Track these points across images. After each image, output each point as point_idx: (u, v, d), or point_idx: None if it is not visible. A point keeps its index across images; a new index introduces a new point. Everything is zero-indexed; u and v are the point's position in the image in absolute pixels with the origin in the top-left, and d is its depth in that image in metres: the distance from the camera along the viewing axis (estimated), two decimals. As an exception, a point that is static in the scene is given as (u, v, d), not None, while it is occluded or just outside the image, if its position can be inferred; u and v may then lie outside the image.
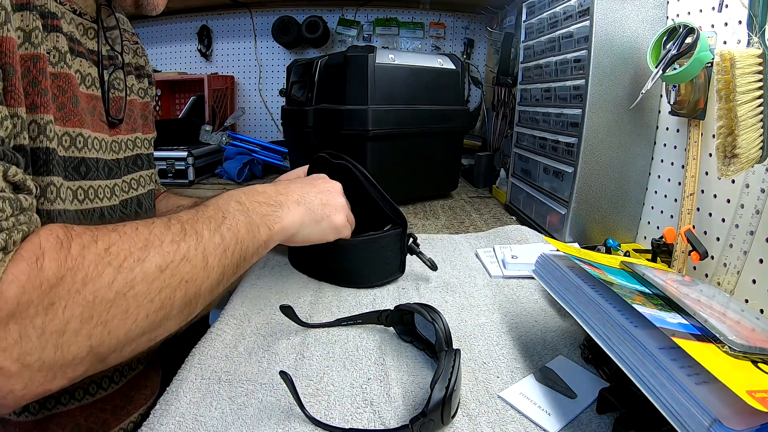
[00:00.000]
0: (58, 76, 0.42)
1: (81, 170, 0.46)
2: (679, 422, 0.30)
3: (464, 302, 0.61)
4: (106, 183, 0.50)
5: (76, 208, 0.45)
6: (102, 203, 0.50)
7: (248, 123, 2.00)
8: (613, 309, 0.39)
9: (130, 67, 0.62)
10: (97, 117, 0.50)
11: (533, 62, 1.02)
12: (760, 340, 0.38)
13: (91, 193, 0.48)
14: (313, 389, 0.43)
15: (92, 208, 0.48)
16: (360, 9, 1.85)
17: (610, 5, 0.76)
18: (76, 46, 0.46)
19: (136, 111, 0.62)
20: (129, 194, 0.58)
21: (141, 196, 0.61)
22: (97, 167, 0.48)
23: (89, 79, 0.49)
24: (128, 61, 0.61)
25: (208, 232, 0.40)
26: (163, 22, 1.96)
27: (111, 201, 0.51)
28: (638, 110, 0.79)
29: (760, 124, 0.53)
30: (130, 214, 0.57)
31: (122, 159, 0.56)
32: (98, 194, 0.49)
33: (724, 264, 0.59)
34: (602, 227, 0.86)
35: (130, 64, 0.62)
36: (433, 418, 0.36)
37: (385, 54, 1.05)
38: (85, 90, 0.48)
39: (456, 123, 1.20)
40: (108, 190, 0.51)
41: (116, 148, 0.54)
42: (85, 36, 0.49)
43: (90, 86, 0.49)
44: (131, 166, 0.59)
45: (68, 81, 0.44)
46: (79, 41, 0.47)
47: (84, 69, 0.48)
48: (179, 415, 0.39)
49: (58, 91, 0.42)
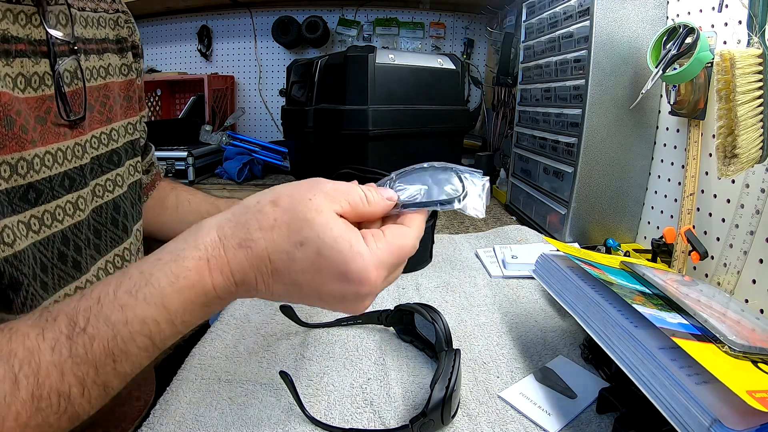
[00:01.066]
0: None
1: (29, 197, 0.39)
2: (679, 422, 0.30)
3: (464, 302, 0.61)
4: (67, 198, 0.44)
5: (33, 240, 0.40)
6: (62, 225, 0.43)
7: (248, 123, 2.00)
8: (613, 309, 0.39)
9: (105, 43, 0.53)
10: (50, 123, 0.42)
11: (533, 62, 1.02)
12: (760, 340, 0.38)
13: (47, 218, 0.41)
14: (313, 389, 0.43)
15: (51, 235, 0.42)
16: (360, 9, 1.85)
17: (610, 5, 0.76)
18: (13, 45, 0.39)
19: (114, 95, 0.54)
20: (103, 198, 0.51)
21: (118, 198, 0.54)
22: (51, 186, 0.42)
23: (36, 80, 0.41)
24: (102, 35, 0.53)
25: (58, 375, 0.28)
26: (163, 22, 1.96)
27: (75, 218, 0.45)
28: (638, 110, 0.79)
29: (760, 124, 0.53)
30: (106, 223, 0.51)
31: (87, 164, 0.48)
32: (56, 217, 0.42)
33: (724, 264, 0.59)
34: (602, 227, 0.86)
35: (105, 39, 0.54)
36: (433, 418, 0.36)
37: (385, 54, 1.05)
38: (33, 93, 0.41)
39: (456, 123, 1.20)
40: (70, 207, 0.44)
41: (80, 152, 0.46)
42: (29, 25, 0.41)
43: (39, 87, 0.42)
44: (104, 166, 0.52)
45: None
46: (17, 37, 0.40)
47: (28, 69, 0.40)
48: (179, 415, 0.39)
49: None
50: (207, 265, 0.30)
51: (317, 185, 0.34)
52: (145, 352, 0.30)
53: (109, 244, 0.52)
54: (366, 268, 0.31)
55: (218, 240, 0.31)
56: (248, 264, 0.31)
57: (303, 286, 0.32)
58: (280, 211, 0.32)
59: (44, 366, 0.27)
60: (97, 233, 0.50)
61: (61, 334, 0.28)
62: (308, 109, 1.15)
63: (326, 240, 0.31)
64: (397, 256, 0.33)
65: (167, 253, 0.31)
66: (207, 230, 0.32)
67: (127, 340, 0.29)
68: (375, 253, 0.32)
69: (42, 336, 0.28)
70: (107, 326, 0.28)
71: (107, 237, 0.52)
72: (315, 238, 0.31)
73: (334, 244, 0.31)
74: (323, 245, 0.31)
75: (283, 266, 0.31)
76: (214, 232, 0.32)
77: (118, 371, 0.29)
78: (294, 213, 0.32)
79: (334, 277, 0.31)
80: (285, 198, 0.32)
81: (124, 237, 0.54)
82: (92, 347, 0.28)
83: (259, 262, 0.31)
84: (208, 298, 0.31)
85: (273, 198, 0.33)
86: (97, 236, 0.50)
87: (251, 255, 0.31)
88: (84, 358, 0.28)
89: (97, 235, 0.50)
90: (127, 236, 0.55)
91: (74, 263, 0.45)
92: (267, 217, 0.32)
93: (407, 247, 0.34)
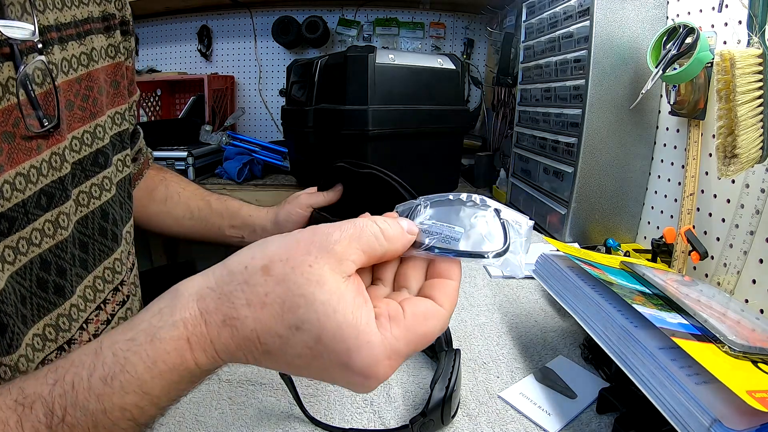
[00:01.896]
0: None
1: (1, 228, 0.36)
2: (679, 422, 0.30)
3: (464, 302, 0.61)
4: (45, 218, 0.40)
5: (9, 272, 0.36)
6: (40, 248, 0.39)
7: (248, 123, 2.00)
8: (613, 309, 0.39)
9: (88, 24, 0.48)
10: (20, 138, 0.37)
11: (533, 62, 1.02)
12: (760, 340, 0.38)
13: (23, 245, 0.38)
14: (313, 389, 0.43)
15: (28, 262, 0.38)
16: (360, 9, 1.85)
17: (610, 5, 0.76)
18: None
19: (99, 84, 0.49)
20: (89, 207, 0.47)
21: (106, 204, 0.50)
22: (25, 211, 0.38)
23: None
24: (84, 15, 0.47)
25: None
26: (163, 22, 1.96)
27: (56, 238, 0.41)
28: (638, 110, 0.79)
29: (760, 124, 0.53)
30: (93, 233, 0.48)
31: (68, 173, 0.43)
32: (32, 241, 0.39)
33: (724, 264, 0.59)
34: (602, 227, 0.86)
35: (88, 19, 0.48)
36: (433, 418, 0.36)
37: (385, 54, 1.05)
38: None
39: (456, 123, 1.20)
40: (50, 227, 0.40)
41: (57, 163, 0.41)
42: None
43: (3, 96, 0.36)
44: (88, 170, 0.47)
45: None
46: None
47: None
48: (179, 415, 0.39)
49: None
50: (188, 345, 0.26)
51: (321, 241, 0.27)
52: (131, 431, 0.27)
53: (98, 257, 0.49)
54: (374, 362, 0.25)
55: (199, 315, 0.26)
56: (234, 344, 0.26)
57: (300, 368, 0.27)
58: (273, 283, 0.26)
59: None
60: (84, 247, 0.47)
61: (41, 424, 0.25)
62: (308, 109, 1.15)
63: (328, 326, 0.25)
64: (416, 345, 0.27)
65: (141, 332, 0.26)
66: (185, 303, 0.27)
67: (109, 427, 0.26)
68: (388, 342, 0.26)
69: (21, 426, 0.25)
70: (86, 416, 0.25)
71: (95, 250, 0.48)
72: (315, 322, 0.25)
73: (337, 331, 0.25)
74: (324, 332, 0.25)
75: (276, 349, 0.26)
76: (194, 306, 0.27)
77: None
78: (289, 286, 0.25)
79: (335, 365, 0.26)
80: (279, 265, 0.26)
81: (114, 246, 0.51)
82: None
83: (248, 344, 0.26)
84: (193, 376, 0.27)
85: (265, 263, 0.26)
86: (84, 250, 0.47)
87: (237, 336, 0.26)
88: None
89: (83, 249, 0.46)
90: (117, 245, 0.52)
91: (56, 288, 0.42)
92: (256, 290, 0.26)
93: (432, 334, 0.27)
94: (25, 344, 0.38)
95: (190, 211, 0.72)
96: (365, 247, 0.27)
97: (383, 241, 0.28)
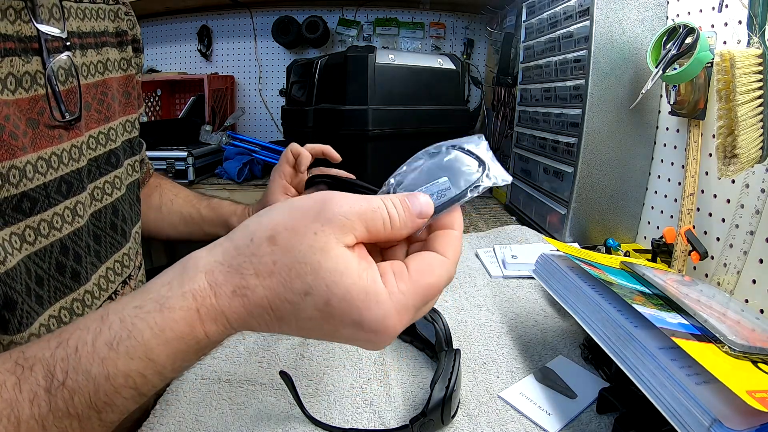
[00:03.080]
0: None
1: (23, 207, 0.37)
2: (679, 422, 0.30)
3: (464, 302, 0.61)
4: (64, 205, 0.42)
5: (27, 252, 0.38)
6: (61, 233, 0.41)
7: (248, 123, 2.00)
8: (613, 309, 0.39)
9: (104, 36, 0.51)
10: (43, 126, 0.40)
11: (533, 62, 1.02)
12: (760, 340, 0.38)
13: (44, 227, 0.39)
14: (313, 389, 0.43)
15: (48, 245, 0.40)
16: (360, 9, 1.85)
17: (610, 5, 0.76)
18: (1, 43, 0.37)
19: (112, 92, 0.52)
20: (102, 202, 0.49)
21: (117, 202, 0.52)
22: (47, 194, 0.40)
23: (27, 79, 0.39)
24: (101, 28, 0.50)
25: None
26: (163, 22, 1.96)
27: (74, 225, 0.43)
28: (638, 110, 0.79)
29: (760, 124, 0.53)
30: (105, 227, 0.49)
31: (85, 167, 0.45)
32: (53, 225, 0.40)
33: (724, 264, 0.59)
34: (602, 227, 0.86)
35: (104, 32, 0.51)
36: (433, 418, 0.36)
37: (385, 54, 1.05)
38: (24, 94, 0.38)
39: (456, 123, 1.20)
40: (69, 213, 0.42)
41: (76, 155, 0.44)
42: (19, 21, 0.38)
43: (31, 86, 0.39)
44: (102, 168, 0.50)
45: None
46: (6, 34, 0.37)
47: (18, 68, 0.38)
48: (179, 415, 0.39)
49: None
50: (197, 316, 0.26)
51: (328, 208, 0.27)
52: (131, 401, 0.27)
53: (109, 250, 0.51)
54: (384, 317, 0.26)
55: (208, 287, 0.27)
56: (246, 312, 0.27)
57: (312, 330, 0.28)
58: (279, 252, 0.26)
59: (24, 420, 0.25)
60: (97, 239, 0.48)
61: (39, 387, 0.25)
62: (308, 109, 1.15)
63: (336, 290, 0.26)
64: (424, 297, 0.28)
65: (150, 301, 0.27)
66: (193, 275, 0.27)
67: (111, 394, 0.26)
68: (396, 298, 0.26)
69: (19, 388, 0.25)
70: (88, 380, 0.25)
71: (107, 242, 0.50)
72: (323, 287, 0.26)
73: (346, 293, 0.26)
74: (332, 296, 0.26)
75: (287, 314, 0.27)
76: (203, 279, 0.27)
77: (104, 420, 0.27)
78: (295, 255, 0.26)
79: (347, 325, 0.27)
80: (284, 234, 0.27)
81: (123, 242, 0.53)
82: (73, 402, 0.25)
83: (260, 311, 0.27)
84: (200, 346, 0.27)
85: (270, 233, 0.27)
86: (97, 242, 0.48)
87: (249, 304, 0.27)
88: (65, 413, 0.26)
89: (96, 241, 0.48)
90: (125, 241, 0.54)
91: (73, 274, 0.43)
92: (263, 260, 0.27)
93: (439, 284, 0.28)
94: (39, 324, 0.39)
95: (183, 218, 0.74)
96: (371, 228, 0.27)
97: (389, 228, 0.28)
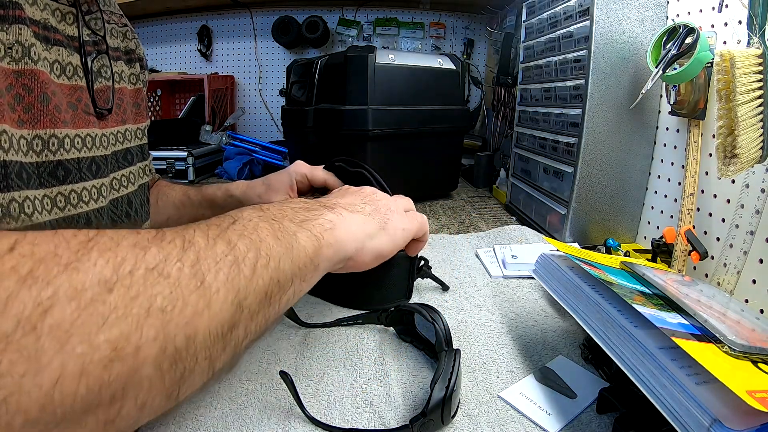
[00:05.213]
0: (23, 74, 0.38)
1: (58, 175, 0.41)
2: (679, 422, 0.30)
3: (464, 302, 0.61)
4: (92, 183, 0.46)
5: (56, 217, 0.40)
6: (88, 207, 0.45)
7: (248, 123, 2.00)
8: (613, 309, 0.39)
9: (118, 52, 0.57)
10: (81, 110, 0.45)
11: (533, 62, 1.02)
12: (760, 340, 0.38)
13: (74, 197, 0.43)
14: (313, 389, 0.43)
15: (76, 214, 0.43)
16: (360, 9, 1.85)
17: (610, 5, 0.76)
18: (52, 34, 0.41)
19: (126, 99, 0.58)
20: (119, 192, 0.53)
21: (131, 194, 0.57)
22: (79, 168, 0.44)
23: (70, 69, 0.44)
24: (115, 45, 0.57)
25: (204, 239, 0.28)
26: (163, 22, 1.96)
27: (98, 203, 0.47)
28: (638, 110, 0.79)
29: (760, 124, 0.53)
30: (121, 215, 0.53)
31: (111, 155, 0.50)
32: (82, 197, 0.44)
33: (724, 264, 0.59)
34: (602, 227, 0.86)
35: (118, 48, 0.57)
36: (433, 418, 0.36)
37: (385, 54, 1.05)
38: (67, 81, 0.43)
39: (456, 123, 1.20)
40: (95, 191, 0.46)
41: (105, 143, 0.49)
42: (64, 22, 0.44)
43: (72, 76, 0.44)
44: (121, 162, 0.54)
45: (35, 78, 0.39)
46: (56, 28, 0.42)
47: (63, 58, 0.43)
48: (179, 415, 0.39)
49: (23, 90, 0.38)
50: None
51: None
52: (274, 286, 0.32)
53: None
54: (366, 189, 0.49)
55: None
56: None
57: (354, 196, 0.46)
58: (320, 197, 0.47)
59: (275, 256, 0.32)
60: (114, 225, 0.51)
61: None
62: (308, 109, 1.15)
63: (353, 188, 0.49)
64: None
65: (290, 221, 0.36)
66: None
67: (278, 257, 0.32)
68: None
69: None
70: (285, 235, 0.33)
71: None
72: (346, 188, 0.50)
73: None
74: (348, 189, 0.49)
75: None
76: None
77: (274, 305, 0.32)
78: None
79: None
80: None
81: None
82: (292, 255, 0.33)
83: None
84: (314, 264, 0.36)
85: None
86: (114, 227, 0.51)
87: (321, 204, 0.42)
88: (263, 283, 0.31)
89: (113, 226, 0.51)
90: None
91: None
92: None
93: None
94: None
95: (174, 206, 0.79)
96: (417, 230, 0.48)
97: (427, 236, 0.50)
